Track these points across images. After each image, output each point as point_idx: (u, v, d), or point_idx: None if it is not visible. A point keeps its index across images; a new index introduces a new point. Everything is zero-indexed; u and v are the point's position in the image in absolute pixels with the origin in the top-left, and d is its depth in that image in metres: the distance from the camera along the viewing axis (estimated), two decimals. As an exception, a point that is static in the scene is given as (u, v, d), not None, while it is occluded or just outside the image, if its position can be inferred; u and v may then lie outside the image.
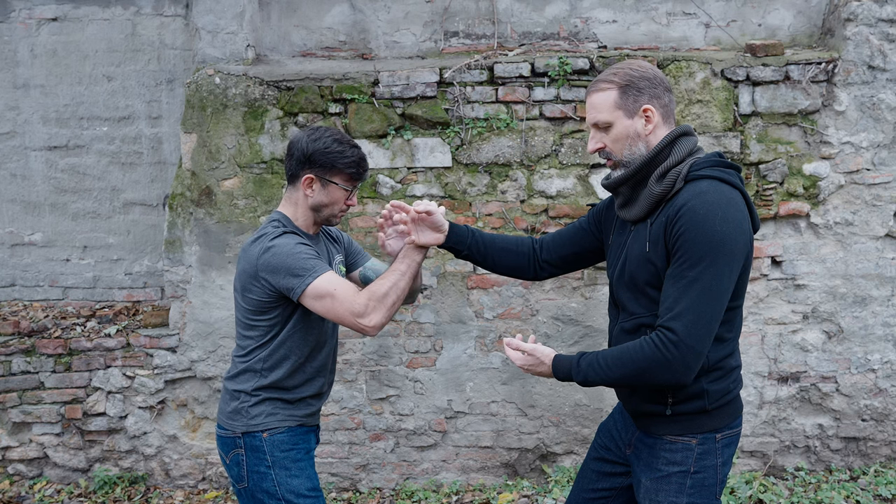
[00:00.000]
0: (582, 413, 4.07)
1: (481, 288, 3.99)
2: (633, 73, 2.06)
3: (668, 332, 1.92)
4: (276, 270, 2.25)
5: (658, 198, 2.03)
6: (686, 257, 1.93)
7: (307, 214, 2.42)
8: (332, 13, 4.32)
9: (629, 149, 2.07)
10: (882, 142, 3.90)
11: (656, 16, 4.26)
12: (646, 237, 2.06)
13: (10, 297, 4.47)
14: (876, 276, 3.97)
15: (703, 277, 1.91)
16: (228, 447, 2.41)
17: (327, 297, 2.22)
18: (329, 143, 2.35)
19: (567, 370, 2.08)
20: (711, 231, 1.91)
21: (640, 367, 1.96)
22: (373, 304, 2.22)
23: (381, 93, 3.93)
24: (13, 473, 4.12)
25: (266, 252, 2.27)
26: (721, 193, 1.97)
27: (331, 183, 2.36)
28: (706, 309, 1.92)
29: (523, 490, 4.01)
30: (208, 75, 3.94)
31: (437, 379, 4.06)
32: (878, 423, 4.06)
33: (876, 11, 3.83)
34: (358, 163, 2.38)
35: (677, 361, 1.92)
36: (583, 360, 2.06)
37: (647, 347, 1.95)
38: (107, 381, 4.04)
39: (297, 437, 2.41)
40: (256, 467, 2.36)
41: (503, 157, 3.95)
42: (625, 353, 2.00)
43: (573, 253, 2.41)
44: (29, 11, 4.27)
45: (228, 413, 2.41)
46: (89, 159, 4.39)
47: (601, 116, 2.08)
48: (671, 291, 1.95)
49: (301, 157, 2.37)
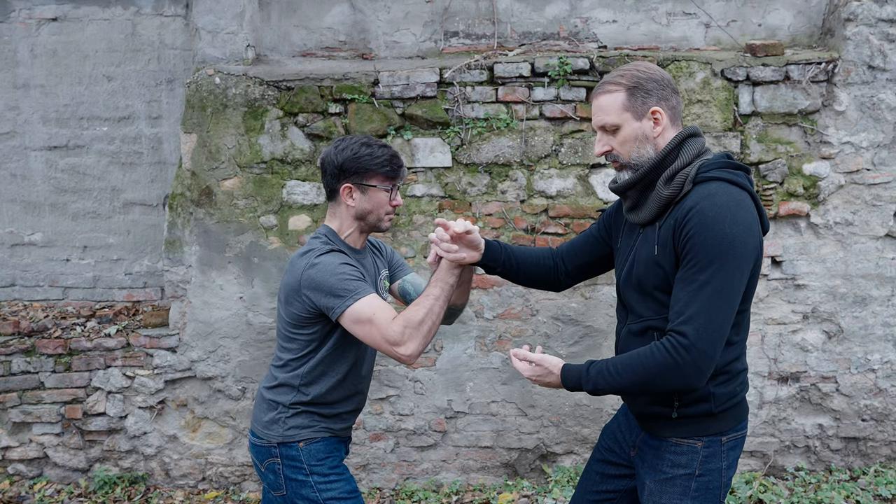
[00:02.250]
0: (582, 413, 4.07)
1: (481, 288, 3.99)
2: (641, 75, 2.04)
3: (680, 337, 1.90)
4: (318, 288, 2.25)
5: (666, 201, 2.02)
6: (696, 260, 1.91)
7: (353, 225, 2.41)
8: (332, 13, 4.32)
9: (637, 151, 2.05)
10: (882, 142, 3.90)
11: (656, 16, 4.26)
12: (654, 240, 2.04)
13: (10, 297, 4.47)
14: (876, 276, 3.97)
15: (713, 280, 1.89)
16: (263, 456, 2.43)
17: (366, 323, 2.21)
18: (357, 149, 2.34)
19: (576, 379, 2.06)
20: (721, 233, 1.89)
21: (651, 373, 1.94)
22: (409, 333, 2.20)
23: (381, 93, 3.93)
24: (13, 473, 4.12)
25: (311, 268, 2.27)
26: (730, 195, 1.95)
27: (369, 187, 2.36)
28: (717, 312, 1.90)
29: (523, 490, 4.01)
30: (208, 75, 3.94)
31: (437, 379, 4.06)
32: (878, 423, 4.06)
33: (876, 11, 3.83)
34: (390, 160, 2.36)
35: (689, 366, 1.90)
36: (592, 368, 2.03)
37: (658, 353, 1.93)
38: (107, 381, 4.04)
39: (331, 446, 2.44)
40: (294, 475, 2.38)
41: (503, 157, 3.95)
42: (635, 360, 1.97)
43: (587, 263, 2.41)
44: (29, 11, 4.27)
45: (265, 422, 2.42)
46: (89, 159, 4.39)
47: (609, 119, 2.05)
48: (681, 295, 1.93)
49: (333, 170, 2.36)
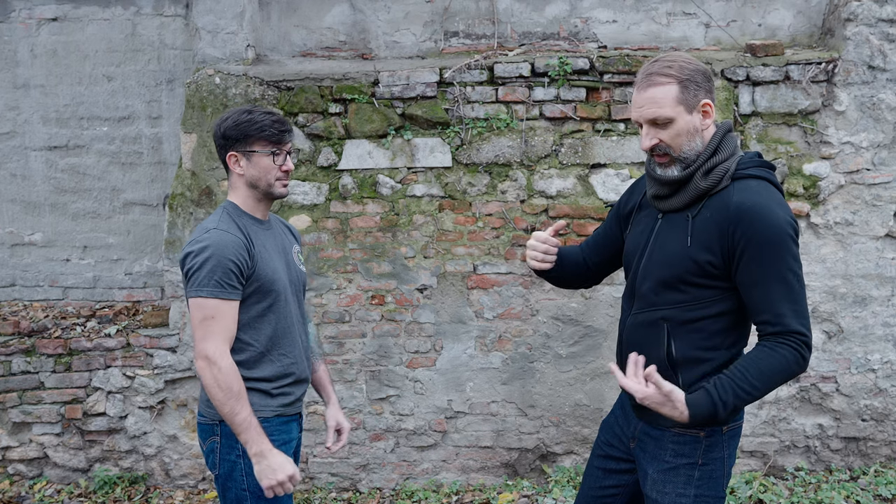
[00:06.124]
0: (582, 413, 4.07)
1: (481, 288, 3.99)
2: (690, 67, 2.03)
3: (801, 337, 1.95)
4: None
5: (703, 192, 2.04)
6: (765, 260, 1.95)
7: (249, 194, 2.41)
8: (332, 13, 4.32)
9: (688, 145, 2.04)
10: (882, 142, 3.90)
11: (656, 16, 4.26)
12: (686, 231, 2.05)
13: (10, 297, 4.47)
14: (876, 276, 3.97)
15: (790, 273, 1.95)
16: (207, 434, 2.40)
17: (209, 319, 2.24)
18: (238, 117, 2.35)
19: (709, 412, 1.95)
20: (780, 228, 1.95)
21: (787, 376, 1.96)
22: (207, 368, 2.23)
23: (381, 93, 3.93)
24: (13, 473, 4.12)
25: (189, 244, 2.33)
26: (772, 193, 2.01)
27: (253, 153, 2.34)
28: (804, 301, 1.98)
29: (523, 490, 4.01)
30: (208, 75, 3.94)
31: (437, 379, 4.06)
32: (878, 423, 4.06)
33: (876, 11, 3.83)
34: (272, 125, 2.34)
35: (806, 358, 1.97)
36: (722, 393, 1.95)
37: (790, 357, 1.94)
38: (107, 381, 4.04)
39: (272, 427, 2.37)
40: (228, 455, 2.34)
41: (503, 157, 3.95)
42: (769, 369, 1.95)
43: (605, 260, 2.41)
44: (29, 11, 4.27)
45: (206, 401, 2.39)
46: (89, 159, 4.39)
47: (663, 112, 2.02)
48: (773, 295, 1.95)
49: (219, 140, 2.37)
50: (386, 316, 4.02)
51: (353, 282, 4.00)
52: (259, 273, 2.32)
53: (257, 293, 2.33)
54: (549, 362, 4.03)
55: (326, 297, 4.00)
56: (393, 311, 4.01)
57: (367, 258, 3.99)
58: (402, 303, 4.01)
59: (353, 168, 3.97)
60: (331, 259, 3.99)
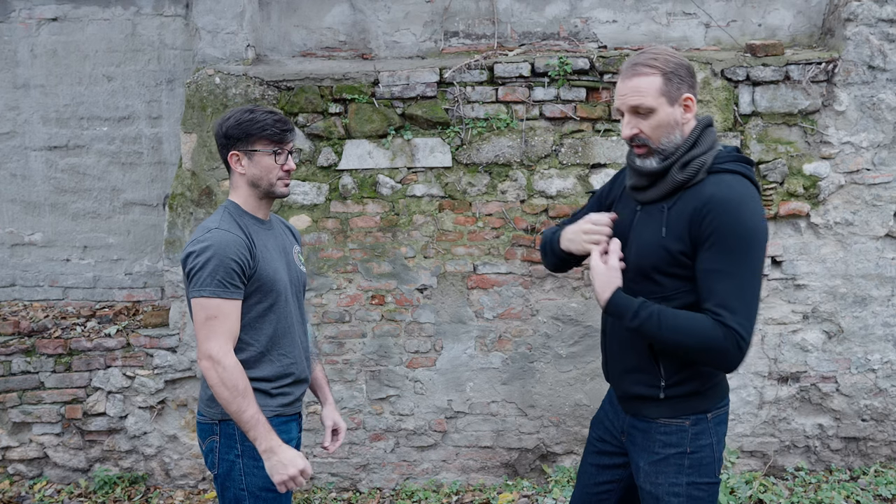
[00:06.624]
0: (582, 413, 4.07)
1: (481, 288, 3.99)
2: (674, 60, 2.06)
3: (735, 334, 1.94)
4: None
5: (679, 184, 2.06)
6: (726, 251, 1.96)
7: (250, 193, 2.41)
8: (332, 13, 4.32)
9: (667, 137, 2.07)
10: (882, 142, 3.90)
11: (656, 16, 4.26)
12: (661, 222, 2.08)
13: (10, 297, 4.47)
14: (876, 276, 3.97)
15: (746, 272, 1.96)
16: (206, 434, 2.40)
17: (212, 319, 2.24)
18: (240, 116, 2.35)
19: (622, 311, 2.05)
20: (747, 224, 1.96)
21: (698, 343, 1.97)
22: (211, 367, 2.23)
23: (381, 93, 3.93)
24: (13, 473, 4.13)
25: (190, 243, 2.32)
26: (746, 188, 2.02)
27: (255, 152, 2.35)
28: (754, 303, 1.98)
29: (523, 490, 4.01)
30: (208, 75, 3.94)
31: (437, 379, 4.06)
32: (878, 423, 4.06)
33: (876, 11, 3.83)
34: (274, 124, 2.35)
35: (734, 358, 1.96)
36: (643, 309, 2.03)
37: (714, 332, 1.95)
38: (107, 381, 4.04)
39: (272, 426, 2.36)
40: (227, 455, 2.35)
41: (503, 157, 3.95)
42: (689, 323, 1.98)
43: None
44: (29, 11, 4.27)
45: (206, 400, 2.39)
46: (89, 159, 4.39)
47: (646, 101, 2.04)
48: (720, 286, 1.96)
49: (221, 140, 2.37)
50: (386, 316, 4.02)
51: (353, 282, 4.00)
52: (260, 273, 2.33)
53: (258, 293, 2.33)
54: (549, 362, 4.03)
55: (326, 297, 4.00)
56: (393, 311, 4.01)
57: (367, 258, 3.99)
58: (402, 303, 4.01)
59: (353, 168, 3.97)
60: (331, 259, 3.99)
